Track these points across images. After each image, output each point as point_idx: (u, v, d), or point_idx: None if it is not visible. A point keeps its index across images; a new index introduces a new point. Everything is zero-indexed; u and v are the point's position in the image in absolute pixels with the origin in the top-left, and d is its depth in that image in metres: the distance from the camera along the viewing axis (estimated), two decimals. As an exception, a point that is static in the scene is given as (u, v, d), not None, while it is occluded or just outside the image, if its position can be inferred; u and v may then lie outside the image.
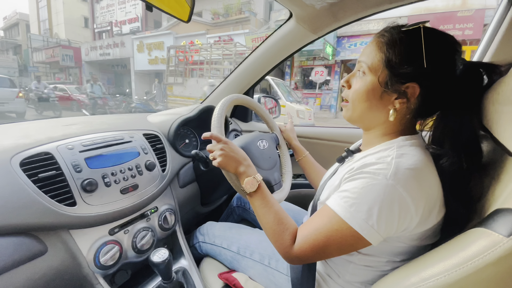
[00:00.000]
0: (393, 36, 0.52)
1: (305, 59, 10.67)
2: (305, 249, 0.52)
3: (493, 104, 0.47)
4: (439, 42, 0.50)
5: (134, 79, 15.28)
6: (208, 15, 13.50)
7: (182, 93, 9.09)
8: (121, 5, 17.86)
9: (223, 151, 0.66)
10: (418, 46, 0.48)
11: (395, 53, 0.51)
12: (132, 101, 9.03)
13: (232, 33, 11.10)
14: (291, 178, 0.97)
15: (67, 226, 0.60)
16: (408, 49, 0.50)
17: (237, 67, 1.27)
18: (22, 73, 21.24)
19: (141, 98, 9.55)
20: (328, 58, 9.56)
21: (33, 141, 0.62)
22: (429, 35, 0.49)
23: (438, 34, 0.50)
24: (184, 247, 0.85)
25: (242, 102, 0.92)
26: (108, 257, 0.63)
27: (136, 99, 9.71)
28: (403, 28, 0.51)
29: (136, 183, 0.72)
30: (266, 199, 0.63)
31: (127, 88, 14.19)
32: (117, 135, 0.77)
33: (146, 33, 14.71)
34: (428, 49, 0.48)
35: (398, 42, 0.51)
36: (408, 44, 0.50)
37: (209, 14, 13.33)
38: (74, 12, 20.09)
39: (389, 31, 0.53)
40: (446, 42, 0.50)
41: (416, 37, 0.48)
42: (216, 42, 10.03)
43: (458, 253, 0.39)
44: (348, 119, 0.62)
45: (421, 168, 0.47)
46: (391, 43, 0.51)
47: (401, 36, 0.51)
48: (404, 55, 0.50)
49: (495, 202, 0.44)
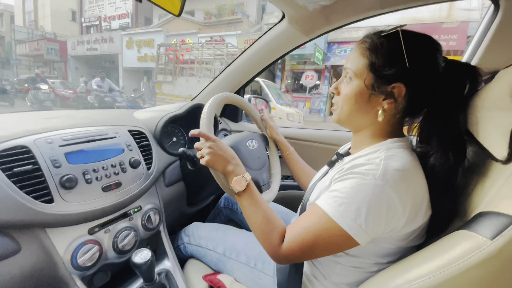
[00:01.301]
0: (374, 41, 0.54)
1: (296, 63, 10.75)
2: (294, 248, 0.52)
3: (478, 110, 0.48)
4: (418, 42, 0.52)
5: (122, 76, 14.93)
6: (200, 14, 13.41)
7: (171, 92, 8.96)
8: (111, 0, 17.42)
9: (212, 149, 0.65)
10: (398, 48, 0.50)
11: (378, 57, 0.53)
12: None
13: (224, 34, 11.04)
14: (280, 179, 0.96)
15: (43, 224, 0.56)
16: (389, 52, 0.52)
17: (228, 66, 1.26)
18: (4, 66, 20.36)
19: (128, 95, 9.31)
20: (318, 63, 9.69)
21: (9, 133, 0.59)
22: (408, 37, 0.51)
23: (416, 36, 0.52)
24: (168, 248, 0.82)
25: (232, 101, 0.91)
26: (87, 257, 0.60)
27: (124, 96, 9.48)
28: (382, 33, 0.54)
29: (119, 180, 0.69)
30: (254, 198, 0.62)
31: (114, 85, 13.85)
32: (101, 130, 0.74)
33: (136, 30, 14.41)
34: (409, 49, 0.50)
35: (379, 46, 0.53)
36: (389, 47, 0.52)
37: (201, 14, 13.24)
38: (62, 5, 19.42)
39: (370, 37, 0.55)
40: (425, 42, 0.52)
41: (396, 40, 0.51)
42: (208, 42, 9.94)
43: (442, 255, 0.39)
44: (338, 122, 0.63)
45: (409, 169, 0.48)
46: (372, 48, 0.54)
47: (382, 40, 0.53)
48: (386, 57, 0.52)
49: (479, 205, 0.45)
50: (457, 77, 0.52)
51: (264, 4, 13.25)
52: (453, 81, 0.51)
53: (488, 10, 0.83)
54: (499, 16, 0.78)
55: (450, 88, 0.51)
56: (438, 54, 0.52)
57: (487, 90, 0.47)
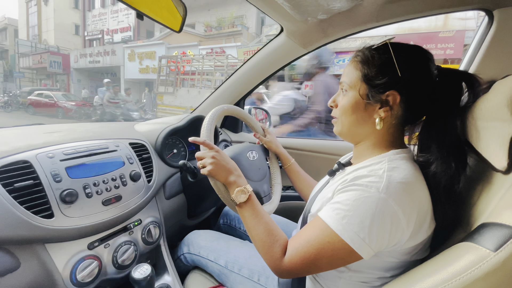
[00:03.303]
0: (365, 54, 0.56)
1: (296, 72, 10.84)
2: (296, 262, 0.51)
3: (476, 120, 0.49)
4: (408, 52, 0.54)
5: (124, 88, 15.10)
6: (201, 27, 13.67)
7: (172, 103, 9.03)
8: (114, 14, 17.85)
9: (215, 160, 0.65)
10: (389, 58, 0.52)
11: (370, 68, 0.55)
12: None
13: (224, 46, 11.19)
14: (281, 190, 0.96)
15: (43, 240, 0.56)
16: (380, 62, 0.54)
17: (229, 78, 1.28)
18: (7, 78, 20.68)
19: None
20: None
21: (11, 148, 0.59)
22: (398, 48, 0.53)
23: (406, 46, 0.55)
24: (168, 262, 0.81)
25: (232, 113, 0.92)
26: (86, 273, 0.59)
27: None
28: (373, 47, 0.56)
29: (119, 194, 0.69)
30: (256, 210, 0.62)
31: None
32: (102, 143, 0.74)
33: (138, 42, 14.69)
34: (399, 58, 0.51)
35: (371, 58, 0.55)
36: (380, 58, 0.54)
37: (202, 26, 13.50)
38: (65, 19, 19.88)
39: (361, 51, 0.58)
40: (414, 51, 0.54)
41: (386, 52, 0.53)
42: (209, 53, 10.10)
43: (446, 268, 0.38)
44: (339, 134, 0.63)
45: (412, 181, 0.48)
46: (364, 60, 0.56)
47: (373, 53, 0.55)
48: (377, 68, 0.54)
49: (481, 216, 0.45)
50: (452, 83, 0.53)
51: (263, 16, 13.53)
52: (448, 87, 0.53)
53: (483, 21, 0.85)
54: (494, 27, 0.79)
55: (445, 94, 0.52)
56: (429, 62, 0.53)
57: (484, 101, 0.48)
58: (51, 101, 9.91)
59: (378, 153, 0.56)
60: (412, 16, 0.85)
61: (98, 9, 18.80)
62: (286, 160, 0.99)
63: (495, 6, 0.78)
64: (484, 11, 0.81)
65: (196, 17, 14.12)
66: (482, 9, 0.80)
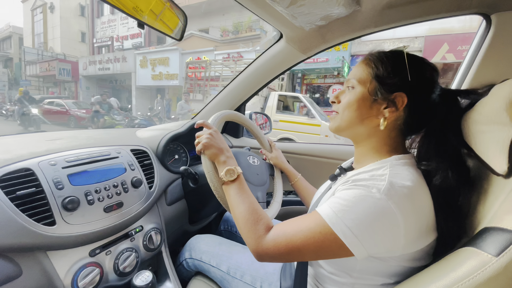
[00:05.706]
0: (380, 54, 0.57)
1: (316, 76, 10.29)
2: (279, 244, 0.50)
3: (475, 124, 0.49)
4: (419, 61, 0.55)
5: (135, 95, 14.89)
6: (215, 32, 13.33)
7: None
8: (124, 20, 17.72)
9: (210, 137, 0.68)
10: (402, 62, 0.53)
11: (382, 67, 0.55)
12: (135, 117, 8.63)
13: (241, 50, 10.64)
14: (279, 208, 0.88)
15: (45, 247, 0.56)
16: (393, 63, 0.55)
17: (228, 84, 1.29)
18: (13, 87, 20.93)
19: (144, 114, 9.32)
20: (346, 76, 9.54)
21: (13, 156, 0.60)
22: (411, 56, 0.55)
23: (417, 57, 0.56)
24: (170, 269, 0.81)
25: (233, 119, 0.92)
26: (87, 280, 0.59)
27: (139, 115, 9.47)
28: (387, 51, 0.58)
29: (121, 200, 0.70)
30: (242, 189, 0.62)
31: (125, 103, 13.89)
32: (104, 150, 0.75)
33: (150, 49, 14.38)
34: (411, 64, 0.52)
35: (385, 58, 0.56)
36: (393, 60, 0.55)
37: (218, 31, 13.27)
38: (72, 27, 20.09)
39: (375, 52, 0.59)
40: (425, 62, 0.55)
41: (400, 56, 0.54)
42: (226, 59, 9.86)
43: (449, 273, 0.38)
44: (336, 129, 0.62)
45: (415, 187, 0.47)
46: (378, 59, 0.57)
47: (387, 54, 0.57)
48: (390, 68, 0.55)
49: (483, 220, 0.45)
50: (451, 104, 0.54)
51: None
52: (449, 106, 0.54)
53: (481, 25, 0.85)
54: (492, 31, 0.80)
55: (445, 112, 0.53)
56: (434, 73, 0.55)
57: (483, 105, 0.48)
58: (62, 110, 9.50)
59: (379, 158, 0.56)
60: (410, 21, 0.86)
61: (108, 15, 18.80)
62: (292, 176, 0.98)
63: (492, 10, 0.78)
64: (482, 16, 0.82)
65: (210, 22, 13.80)
66: (480, 14, 0.81)
